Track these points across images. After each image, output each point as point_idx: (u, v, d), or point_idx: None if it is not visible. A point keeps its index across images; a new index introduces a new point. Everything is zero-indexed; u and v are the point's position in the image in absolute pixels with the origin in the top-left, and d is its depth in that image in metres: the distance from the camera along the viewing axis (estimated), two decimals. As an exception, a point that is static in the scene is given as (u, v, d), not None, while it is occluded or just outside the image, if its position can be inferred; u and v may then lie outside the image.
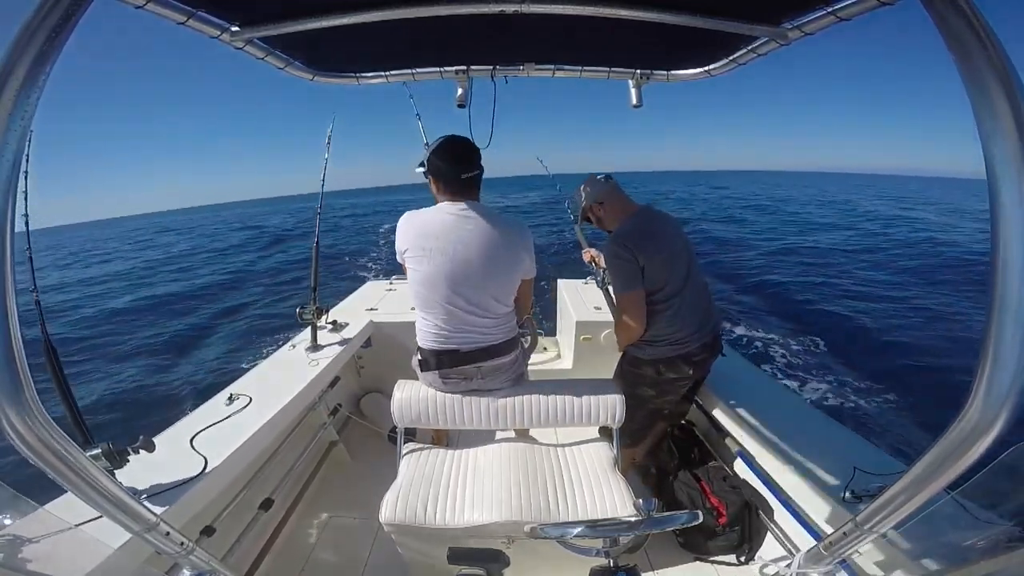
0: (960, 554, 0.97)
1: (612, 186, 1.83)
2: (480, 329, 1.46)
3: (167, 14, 0.86)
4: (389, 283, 3.36)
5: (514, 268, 1.46)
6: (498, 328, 1.50)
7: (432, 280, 1.39)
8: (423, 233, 1.40)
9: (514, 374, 1.59)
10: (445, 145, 1.43)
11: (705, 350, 1.81)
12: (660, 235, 1.73)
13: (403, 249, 1.43)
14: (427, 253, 1.38)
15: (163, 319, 9.65)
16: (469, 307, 1.42)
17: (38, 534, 0.90)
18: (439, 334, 1.47)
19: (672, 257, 1.72)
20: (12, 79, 0.51)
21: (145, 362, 7.14)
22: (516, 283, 1.50)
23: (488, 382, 1.54)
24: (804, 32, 1.04)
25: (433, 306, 1.43)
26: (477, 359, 1.48)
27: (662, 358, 1.79)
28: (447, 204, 1.42)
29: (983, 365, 0.58)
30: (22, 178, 0.67)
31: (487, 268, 1.39)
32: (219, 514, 1.48)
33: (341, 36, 1.14)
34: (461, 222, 1.38)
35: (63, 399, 1.31)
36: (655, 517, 0.89)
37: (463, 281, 1.38)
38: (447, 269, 1.37)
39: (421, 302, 1.46)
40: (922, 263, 12.75)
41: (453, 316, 1.43)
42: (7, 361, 0.55)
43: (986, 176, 0.54)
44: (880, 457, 1.51)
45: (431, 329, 1.48)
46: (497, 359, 1.50)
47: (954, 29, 0.54)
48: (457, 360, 1.48)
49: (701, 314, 1.78)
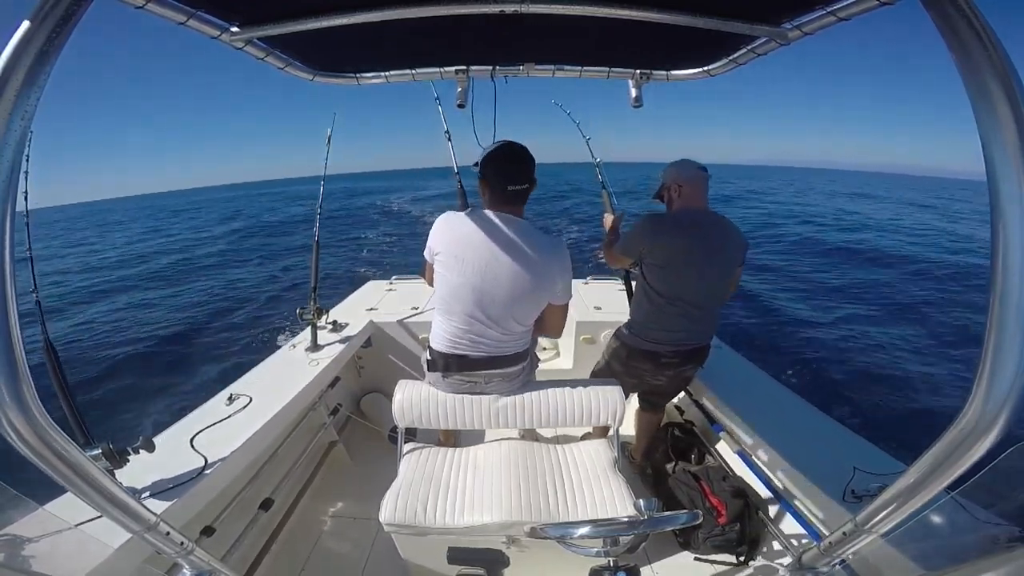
0: (960, 554, 0.97)
1: (701, 177, 1.79)
2: (494, 342, 1.46)
3: (167, 14, 0.86)
4: (389, 283, 3.36)
5: (543, 293, 1.44)
6: (511, 343, 1.49)
7: (459, 291, 1.39)
8: (459, 241, 1.39)
9: (519, 383, 1.59)
10: (499, 152, 1.40)
11: (677, 356, 1.83)
12: (700, 238, 1.71)
13: (436, 251, 1.42)
14: (459, 263, 1.37)
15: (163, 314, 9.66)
16: (489, 322, 1.42)
17: (38, 534, 0.90)
18: (452, 339, 1.47)
19: (695, 261, 1.70)
20: (12, 79, 0.51)
21: (144, 362, 7.15)
22: (542, 306, 1.48)
23: (492, 388, 1.54)
24: (804, 32, 1.04)
25: (455, 314, 1.43)
26: (484, 367, 1.48)
27: (634, 346, 1.86)
28: (490, 214, 1.40)
29: (983, 365, 0.57)
30: (22, 178, 0.67)
31: (515, 290, 1.37)
32: (219, 514, 1.48)
33: (341, 36, 1.14)
34: (500, 237, 1.36)
35: (63, 399, 1.31)
36: (655, 517, 0.89)
37: (489, 299, 1.38)
38: (476, 283, 1.36)
39: (444, 307, 1.45)
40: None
41: (472, 327, 1.43)
42: (7, 361, 0.55)
43: (986, 176, 0.54)
44: (880, 457, 1.51)
45: (446, 332, 1.48)
46: (504, 369, 1.51)
47: (954, 29, 0.54)
48: (464, 366, 1.48)
49: (693, 324, 1.78)
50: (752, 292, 9.08)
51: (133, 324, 9.23)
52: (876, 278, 10.81)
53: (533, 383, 1.62)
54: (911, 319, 7.92)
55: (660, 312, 1.77)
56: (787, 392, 2.06)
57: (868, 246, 14.97)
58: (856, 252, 13.87)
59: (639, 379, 1.94)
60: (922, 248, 14.97)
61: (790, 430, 1.72)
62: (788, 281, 10.33)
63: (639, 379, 1.94)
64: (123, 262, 16.70)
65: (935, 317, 7.99)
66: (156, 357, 7.35)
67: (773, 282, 10.12)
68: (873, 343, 6.81)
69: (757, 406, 1.89)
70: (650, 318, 1.80)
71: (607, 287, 3.17)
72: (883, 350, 6.56)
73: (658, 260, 1.74)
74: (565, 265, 1.43)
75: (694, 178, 1.78)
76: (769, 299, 8.84)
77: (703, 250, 1.70)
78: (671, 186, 1.81)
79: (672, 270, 1.73)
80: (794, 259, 12.68)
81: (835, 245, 14.90)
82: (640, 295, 1.86)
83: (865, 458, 1.43)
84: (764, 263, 11.89)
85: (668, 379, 1.92)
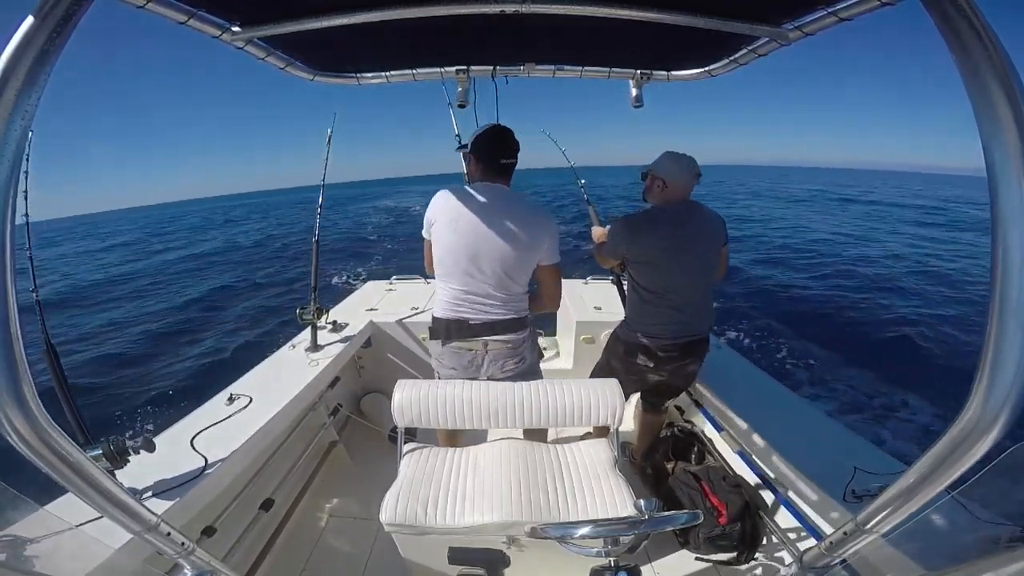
0: (960, 554, 0.97)
1: (691, 182, 1.74)
2: (491, 303, 1.54)
3: (168, 14, 0.86)
4: (389, 283, 3.36)
5: (532, 249, 1.54)
6: (507, 306, 1.57)
7: (456, 248, 1.49)
8: (455, 207, 1.50)
9: (519, 359, 1.63)
10: (492, 130, 1.56)
11: (675, 349, 1.82)
12: (675, 234, 1.71)
13: (433, 220, 1.53)
14: (454, 223, 1.49)
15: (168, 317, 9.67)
16: (483, 278, 1.51)
17: (39, 534, 0.90)
18: (453, 301, 1.55)
19: (674, 256, 1.72)
20: (12, 79, 0.51)
21: (145, 361, 7.15)
22: (532, 264, 1.57)
23: (494, 363, 1.59)
24: (805, 32, 1.04)
25: (453, 273, 1.53)
26: (483, 333, 1.55)
27: (631, 341, 1.87)
28: (480, 185, 1.54)
29: (983, 365, 0.57)
30: (22, 178, 0.67)
31: (506, 243, 1.48)
32: (220, 514, 1.48)
33: (341, 36, 1.14)
34: (492, 200, 1.51)
35: (63, 399, 1.31)
36: (655, 517, 0.89)
37: (484, 254, 1.48)
38: (470, 241, 1.47)
39: (444, 270, 1.55)
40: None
41: (468, 286, 1.52)
42: (7, 361, 0.54)
43: (986, 176, 0.54)
44: (880, 457, 1.52)
45: (446, 297, 1.57)
46: (503, 336, 1.57)
47: (954, 29, 0.54)
48: (465, 331, 1.55)
49: (685, 316, 1.79)
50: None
51: (134, 324, 9.24)
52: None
53: (533, 383, 1.62)
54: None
55: (651, 307, 1.80)
56: (787, 392, 2.06)
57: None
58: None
59: (639, 377, 1.94)
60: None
61: (790, 430, 1.72)
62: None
63: (639, 377, 1.94)
64: (123, 266, 16.76)
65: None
66: (156, 357, 7.35)
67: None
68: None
69: (757, 406, 1.89)
70: (642, 313, 1.84)
71: (607, 287, 3.17)
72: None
73: (639, 258, 1.78)
74: (552, 227, 1.57)
75: (683, 182, 1.73)
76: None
77: (680, 244, 1.71)
78: (658, 179, 1.76)
79: (653, 267, 1.76)
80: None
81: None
82: (631, 292, 1.90)
83: (865, 458, 1.43)
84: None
85: (669, 374, 1.91)
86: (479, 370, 1.62)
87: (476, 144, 1.57)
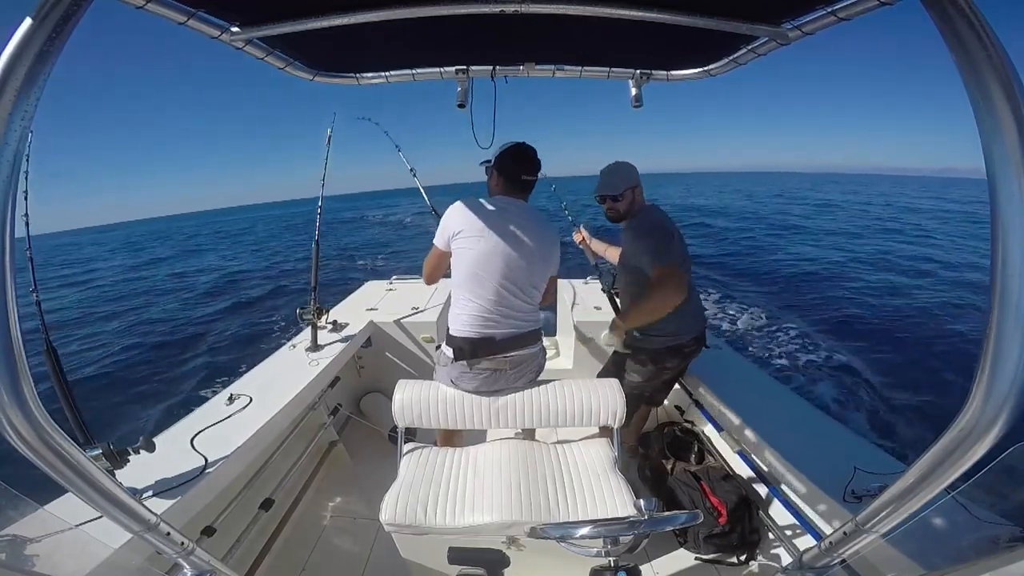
0: (960, 554, 0.97)
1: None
2: (519, 314, 1.55)
3: (167, 14, 0.86)
4: (389, 283, 3.36)
5: (550, 260, 1.60)
6: (530, 316, 1.60)
7: (488, 258, 1.48)
8: (481, 215, 1.50)
9: (535, 368, 1.64)
10: (517, 148, 1.61)
11: (696, 342, 1.93)
12: (669, 221, 1.85)
13: (457, 230, 1.51)
14: (484, 233, 1.48)
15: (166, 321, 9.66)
16: (515, 290, 1.51)
17: (39, 534, 0.90)
18: (480, 316, 1.51)
19: (683, 243, 1.83)
20: (12, 79, 0.51)
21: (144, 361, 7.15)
22: (549, 274, 1.62)
23: (514, 377, 1.57)
24: (804, 32, 1.04)
25: (485, 286, 1.49)
26: (509, 348, 1.54)
27: (660, 348, 1.89)
28: (502, 199, 1.58)
29: (983, 365, 0.57)
30: (22, 178, 0.67)
31: (535, 254, 1.52)
32: (219, 514, 1.48)
33: (341, 36, 1.14)
34: (515, 211, 1.54)
35: (63, 399, 1.31)
36: (655, 517, 0.89)
37: (516, 263, 1.49)
38: (503, 248, 1.48)
39: (474, 283, 1.50)
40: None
41: (501, 298, 1.50)
42: (7, 361, 0.54)
43: (986, 176, 0.54)
44: (880, 457, 1.52)
45: (475, 312, 1.51)
46: (524, 349, 1.57)
47: (954, 29, 0.54)
48: (492, 348, 1.52)
49: (693, 308, 1.89)
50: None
51: (133, 325, 9.25)
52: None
53: (533, 383, 1.62)
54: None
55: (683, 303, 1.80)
56: (787, 392, 2.06)
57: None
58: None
59: (665, 381, 2.03)
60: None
61: (790, 430, 1.72)
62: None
63: (665, 381, 2.03)
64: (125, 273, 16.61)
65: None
66: (156, 357, 7.36)
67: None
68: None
69: (757, 406, 1.89)
70: (664, 319, 1.76)
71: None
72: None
73: (678, 258, 1.80)
74: (558, 238, 1.65)
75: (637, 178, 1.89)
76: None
77: (678, 233, 1.83)
78: (636, 187, 1.88)
79: (685, 265, 1.82)
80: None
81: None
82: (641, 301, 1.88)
83: (865, 458, 1.43)
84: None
85: (682, 366, 2.03)
86: (496, 383, 1.55)
87: (500, 160, 1.61)
